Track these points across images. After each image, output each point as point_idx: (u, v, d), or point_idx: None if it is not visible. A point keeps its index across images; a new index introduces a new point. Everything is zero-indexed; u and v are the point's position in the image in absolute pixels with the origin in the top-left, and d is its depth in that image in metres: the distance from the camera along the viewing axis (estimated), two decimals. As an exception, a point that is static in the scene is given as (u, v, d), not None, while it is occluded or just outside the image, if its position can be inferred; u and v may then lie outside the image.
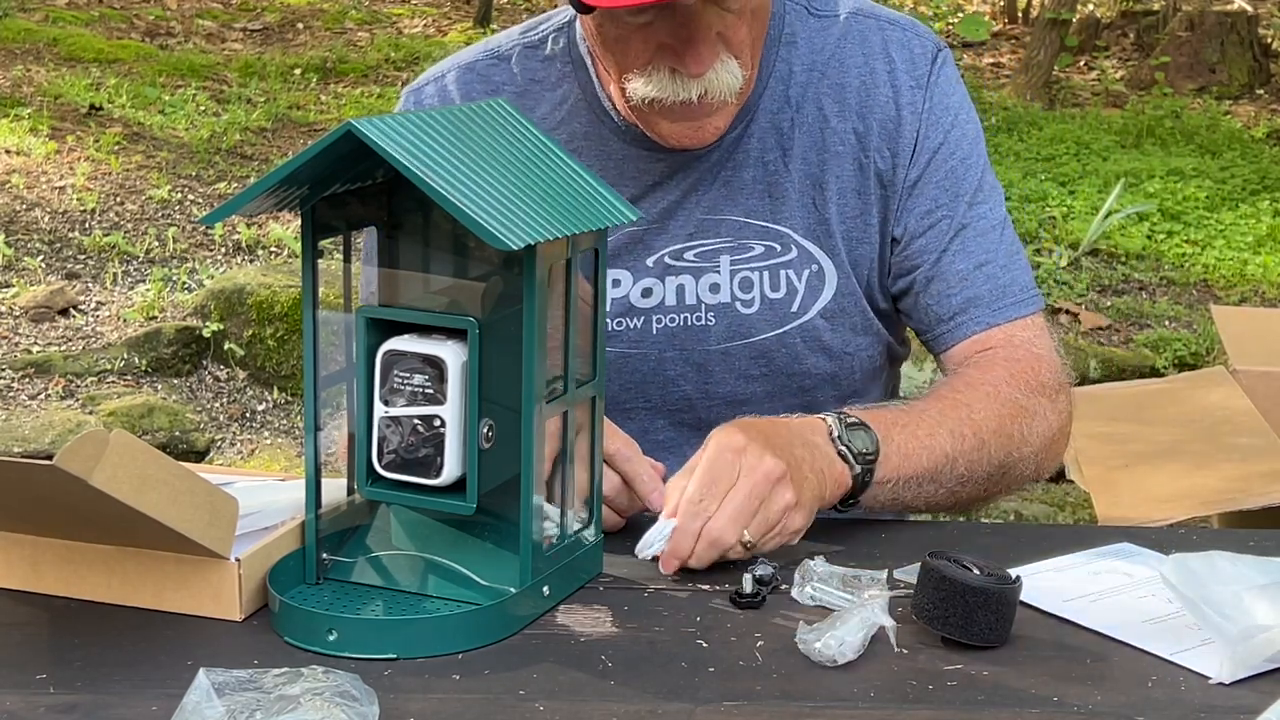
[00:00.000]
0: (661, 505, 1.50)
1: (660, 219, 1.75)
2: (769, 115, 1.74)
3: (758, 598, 1.36)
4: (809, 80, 1.75)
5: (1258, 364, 3.03)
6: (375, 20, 9.75)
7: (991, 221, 1.76)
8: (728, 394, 1.77)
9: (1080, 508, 4.14)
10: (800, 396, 1.77)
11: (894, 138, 1.74)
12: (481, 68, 1.79)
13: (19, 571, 1.39)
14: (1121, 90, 9.00)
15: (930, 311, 1.75)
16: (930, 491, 1.60)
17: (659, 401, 1.78)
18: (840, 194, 1.74)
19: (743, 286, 1.75)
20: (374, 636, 1.27)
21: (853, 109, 1.74)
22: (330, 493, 1.38)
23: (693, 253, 1.75)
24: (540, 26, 1.81)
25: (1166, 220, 6.52)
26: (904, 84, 1.74)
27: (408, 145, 1.24)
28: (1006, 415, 1.64)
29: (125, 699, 1.19)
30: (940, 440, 1.59)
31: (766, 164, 1.74)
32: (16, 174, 6.02)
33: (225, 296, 4.93)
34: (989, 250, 1.74)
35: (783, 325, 1.75)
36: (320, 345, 1.34)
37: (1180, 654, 1.27)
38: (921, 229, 1.74)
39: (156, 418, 4.47)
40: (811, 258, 1.75)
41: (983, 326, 1.73)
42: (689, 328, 1.76)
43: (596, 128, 1.76)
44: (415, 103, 1.81)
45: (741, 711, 1.18)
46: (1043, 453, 1.68)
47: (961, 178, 1.75)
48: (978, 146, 1.78)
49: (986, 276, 1.73)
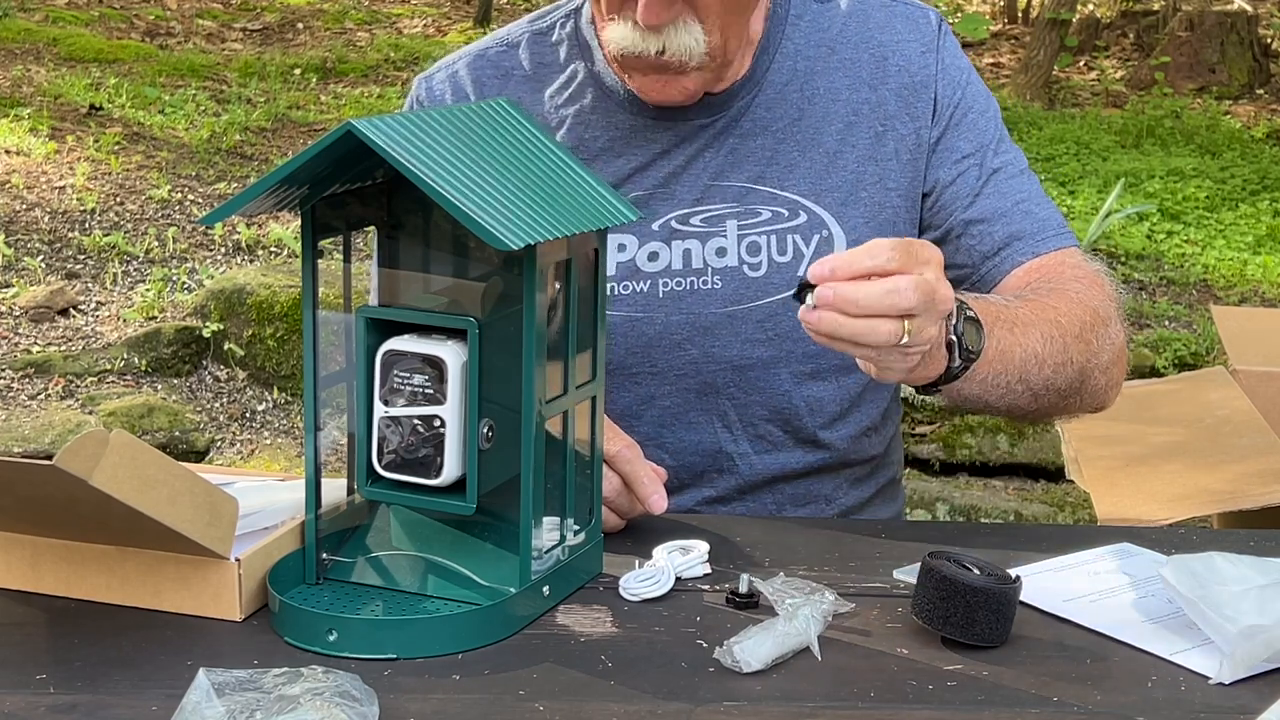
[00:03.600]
0: (662, 508, 1.50)
1: (666, 183, 1.77)
2: (777, 88, 1.78)
3: (753, 598, 1.36)
4: (818, 55, 1.79)
5: (1258, 364, 3.03)
6: (375, 20, 9.75)
7: (1019, 166, 1.81)
8: (734, 357, 1.77)
9: (1080, 508, 4.14)
10: (806, 363, 1.78)
11: (911, 103, 1.78)
12: (493, 55, 1.85)
13: (19, 571, 1.39)
14: (1121, 90, 9.00)
15: (974, 251, 1.77)
16: (1018, 392, 1.60)
17: (664, 366, 1.78)
18: (857, 162, 1.77)
19: (750, 250, 1.76)
20: (374, 636, 1.27)
21: (864, 81, 1.79)
22: (330, 493, 1.38)
23: (699, 218, 1.77)
24: (549, 15, 1.87)
25: (1166, 220, 6.52)
26: (914, 51, 1.80)
27: (408, 145, 1.24)
28: (1087, 322, 1.66)
29: (125, 699, 1.19)
30: (1032, 341, 1.59)
31: (774, 133, 1.77)
32: (16, 174, 6.02)
33: (225, 296, 4.93)
34: (1022, 190, 1.78)
35: (789, 289, 1.76)
36: (320, 345, 1.34)
37: (1180, 654, 1.27)
38: (952, 177, 1.78)
39: (156, 418, 4.47)
40: (822, 223, 1.76)
41: (1029, 256, 1.75)
42: (695, 291, 1.77)
43: (603, 101, 1.80)
44: (427, 89, 1.86)
45: (741, 711, 1.18)
46: (1113, 366, 1.70)
47: (983, 129, 1.80)
48: (992, 104, 1.83)
49: (1024, 213, 1.77)
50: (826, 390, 1.79)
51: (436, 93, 1.84)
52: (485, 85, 1.82)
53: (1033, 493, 4.35)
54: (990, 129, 1.80)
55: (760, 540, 1.52)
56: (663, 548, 1.44)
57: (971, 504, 4.19)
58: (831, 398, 1.79)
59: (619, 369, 1.77)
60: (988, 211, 1.77)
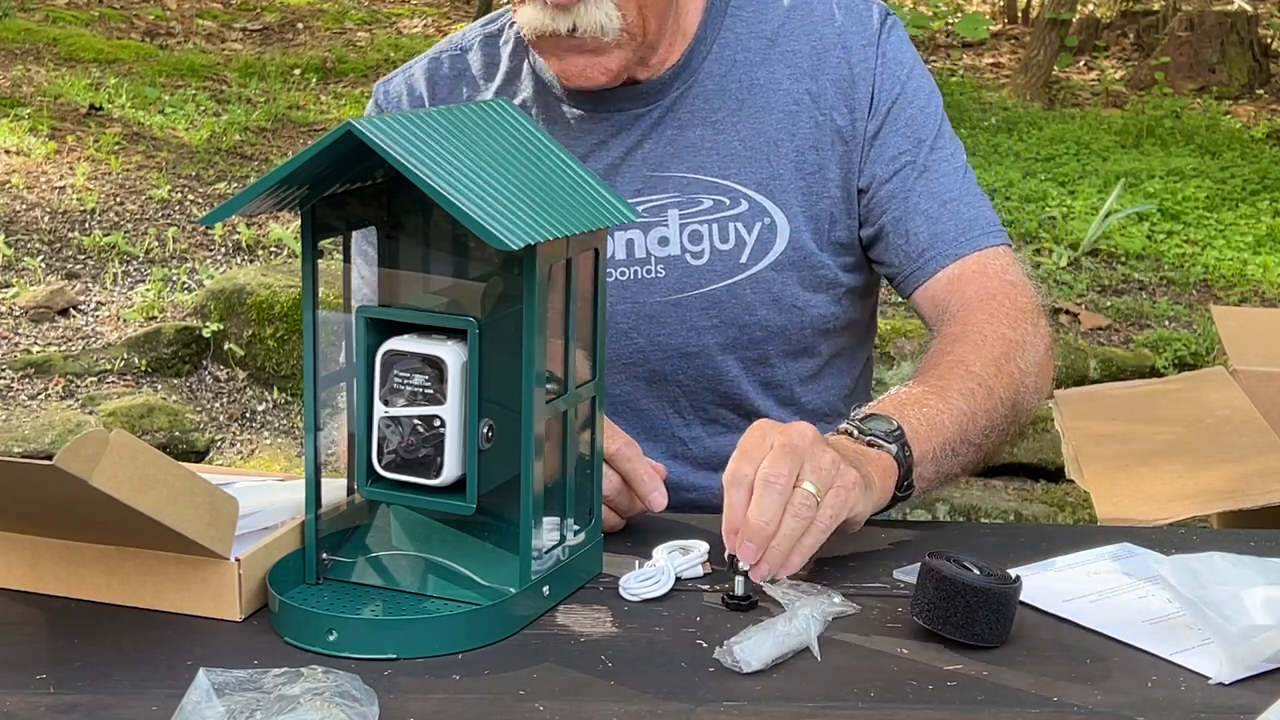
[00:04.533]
0: (662, 505, 1.50)
1: (606, 175, 1.79)
2: (715, 78, 1.80)
3: (748, 599, 1.36)
4: (758, 48, 1.81)
5: (1258, 364, 3.02)
6: (375, 20, 9.75)
7: (954, 165, 1.81)
8: (679, 345, 1.79)
9: (1080, 508, 4.14)
10: (751, 350, 1.80)
11: (849, 95, 1.79)
12: (446, 58, 1.89)
13: (19, 571, 1.39)
14: (1121, 90, 9.00)
15: (900, 251, 1.78)
16: (966, 453, 1.59)
17: (612, 354, 1.79)
18: (798, 151, 1.78)
19: (692, 239, 1.78)
20: (374, 636, 1.27)
21: (805, 72, 1.80)
22: (330, 493, 1.38)
23: (641, 208, 1.79)
24: (500, 17, 1.90)
25: (1166, 220, 6.52)
26: (855, 44, 1.80)
27: (408, 145, 1.24)
28: (1001, 355, 1.65)
29: (125, 699, 1.19)
30: (954, 402, 1.58)
31: (714, 123, 1.79)
32: (16, 174, 6.02)
33: (225, 296, 4.93)
34: (952, 189, 1.79)
35: (732, 276, 1.78)
36: (320, 345, 1.34)
37: (1180, 654, 1.27)
38: (886, 175, 1.79)
39: (156, 418, 4.47)
40: (764, 211, 1.78)
41: (951, 259, 1.76)
42: (639, 280, 1.79)
43: (542, 95, 1.83)
44: (384, 93, 1.91)
45: (741, 711, 1.18)
46: (1039, 379, 1.70)
47: (921, 125, 1.80)
48: (934, 99, 1.83)
49: (952, 214, 1.78)
50: (776, 373, 1.82)
51: (393, 96, 1.89)
52: (438, 87, 1.87)
53: (1033, 493, 4.35)
54: (929, 125, 1.81)
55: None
56: (663, 548, 1.44)
57: (971, 504, 4.19)
58: (781, 380, 1.82)
59: None
60: (916, 211, 1.77)
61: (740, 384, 1.81)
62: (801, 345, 1.82)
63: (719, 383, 1.81)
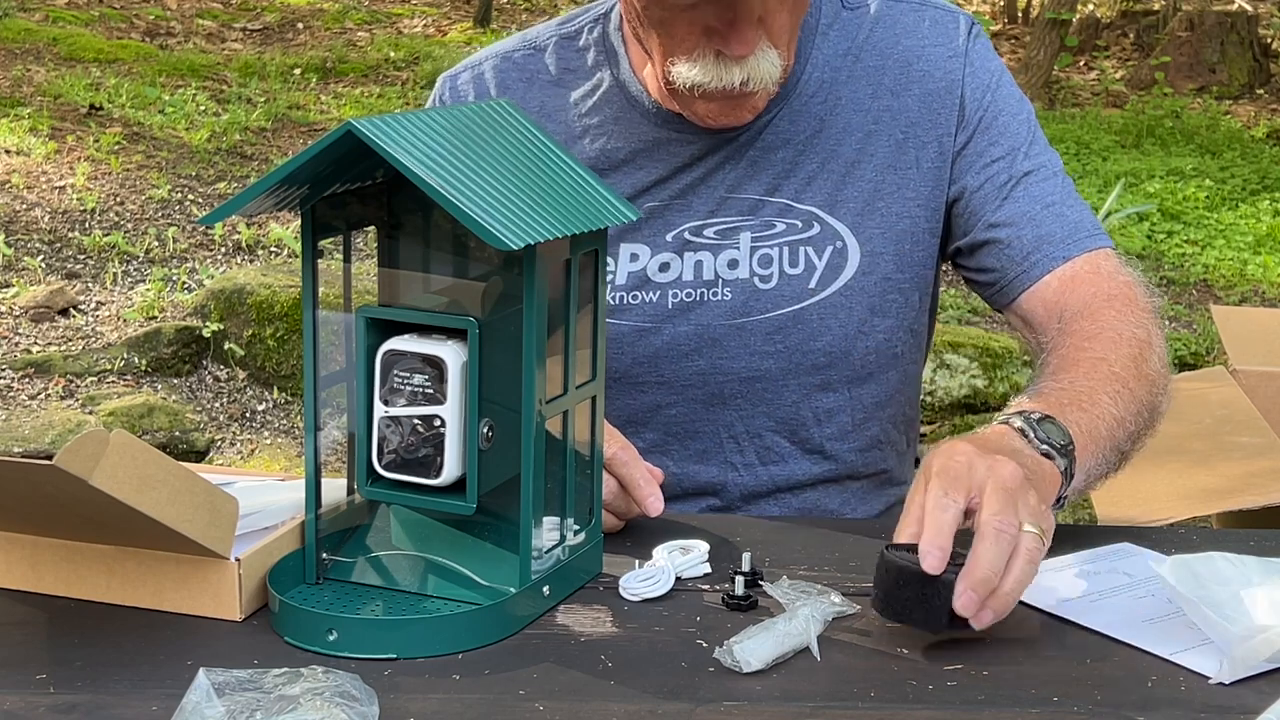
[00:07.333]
0: (658, 510, 1.50)
1: (683, 195, 1.76)
2: (803, 100, 1.76)
3: (748, 599, 1.36)
4: (843, 66, 1.77)
5: (1258, 364, 3.03)
6: (375, 20, 9.76)
7: (1051, 170, 1.77)
8: (741, 369, 1.77)
9: (1080, 508, 4.13)
10: (814, 375, 1.77)
11: (936, 108, 1.76)
12: (519, 58, 1.84)
13: (19, 571, 1.39)
14: (1121, 90, 9.00)
15: (1003, 255, 1.73)
16: (1114, 461, 1.54)
17: (671, 376, 1.78)
18: (877, 171, 1.75)
19: (762, 263, 1.75)
20: (374, 636, 1.27)
21: (888, 89, 1.76)
22: (330, 493, 1.38)
23: (713, 229, 1.76)
24: (577, 18, 1.86)
25: (1166, 220, 6.52)
26: (940, 56, 1.77)
27: (408, 145, 1.24)
28: (1137, 355, 1.60)
29: (125, 699, 1.19)
30: (1105, 406, 1.51)
31: (796, 145, 1.76)
32: (16, 174, 6.02)
33: (225, 296, 4.93)
34: (1053, 194, 1.74)
35: (799, 301, 1.75)
36: (320, 345, 1.34)
37: (1180, 654, 1.27)
38: (979, 182, 1.75)
39: (156, 418, 4.47)
40: (836, 235, 1.75)
41: (1060, 260, 1.71)
42: (704, 302, 1.76)
43: (628, 112, 1.79)
44: (451, 88, 1.85)
45: (741, 711, 1.18)
46: (1168, 381, 1.63)
47: (1014, 132, 1.76)
48: (1024, 106, 1.79)
49: (1056, 216, 1.73)
50: (836, 401, 1.78)
51: (461, 92, 1.84)
52: (510, 88, 1.82)
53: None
54: (1021, 132, 1.77)
55: (760, 541, 1.52)
56: (663, 548, 1.44)
57: (971, 504, 4.18)
58: (842, 408, 1.79)
59: (626, 378, 1.77)
60: (1016, 215, 1.73)
61: (799, 409, 1.77)
62: (866, 371, 1.78)
63: (777, 408, 1.77)
